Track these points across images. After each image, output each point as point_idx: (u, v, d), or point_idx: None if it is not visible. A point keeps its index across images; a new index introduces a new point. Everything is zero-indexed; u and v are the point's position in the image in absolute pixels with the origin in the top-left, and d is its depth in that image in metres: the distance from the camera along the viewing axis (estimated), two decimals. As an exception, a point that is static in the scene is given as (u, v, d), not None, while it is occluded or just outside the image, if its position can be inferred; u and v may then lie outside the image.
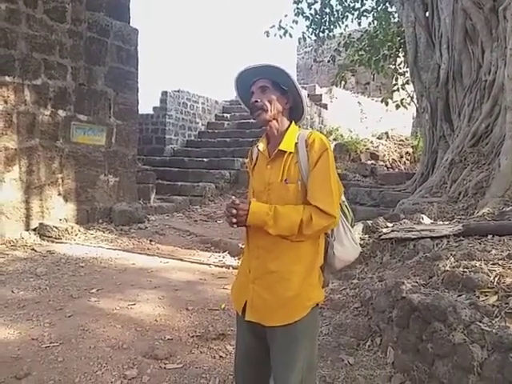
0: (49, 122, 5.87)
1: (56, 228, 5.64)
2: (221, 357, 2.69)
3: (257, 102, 1.56)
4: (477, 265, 2.56)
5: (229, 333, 2.96)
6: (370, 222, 4.30)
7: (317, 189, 1.48)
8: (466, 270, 2.51)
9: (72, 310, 3.32)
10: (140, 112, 7.93)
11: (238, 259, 4.90)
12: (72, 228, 5.83)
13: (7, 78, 5.38)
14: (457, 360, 2.01)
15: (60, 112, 6.00)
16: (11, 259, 4.68)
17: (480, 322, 2.04)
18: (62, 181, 6.09)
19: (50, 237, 5.57)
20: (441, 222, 4.09)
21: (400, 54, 10.00)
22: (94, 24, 6.37)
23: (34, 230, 5.68)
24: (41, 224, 5.70)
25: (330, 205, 1.46)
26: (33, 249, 5.12)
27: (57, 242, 5.47)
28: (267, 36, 10.90)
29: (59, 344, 2.74)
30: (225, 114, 13.26)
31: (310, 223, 1.45)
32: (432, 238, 3.40)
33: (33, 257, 4.81)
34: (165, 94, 11.40)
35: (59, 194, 6.05)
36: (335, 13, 10.95)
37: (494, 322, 2.02)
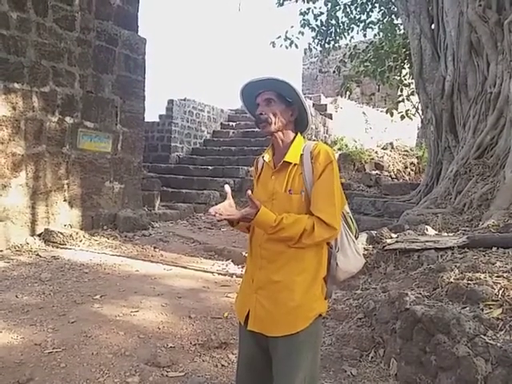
0: (56, 128, 5.93)
1: (61, 234, 5.67)
2: (223, 366, 2.68)
3: (262, 114, 1.58)
4: (481, 277, 2.55)
5: (231, 342, 2.95)
6: (374, 233, 4.30)
7: (320, 200, 1.49)
8: (470, 282, 2.51)
9: (75, 315, 3.32)
10: (146, 120, 7.99)
11: (242, 267, 4.90)
12: (77, 234, 5.85)
13: (16, 85, 5.45)
14: (460, 373, 2.00)
15: (67, 119, 6.07)
16: (16, 264, 4.70)
17: (484, 335, 2.03)
18: (68, 187, 6.14)
19: (54, 242, 5.60)
20: (445, 234, 4.08)
21: (405, 66, 10.04)
22: (102, 33, 6.46)
23: (39, 235, 5.72)
24: (46, 229, 5.73)
25: (333, 217, 1.47)
26: (37, 254, 5.14)
27: (61, 248, 5.49)
28: (273, 46, 11.01)
29: (62, 350, 2.74)
30: (230, 123, 13.33)
31: (311, 233, 1.46)
32: (436, 249, 3.39)
33: (37, 262, 4.83)
34: (171, 102, 11.49)
35: (65, 200, 6.09)
36: (341, 24, 11.06)
37: (498, 335, 2.01)
